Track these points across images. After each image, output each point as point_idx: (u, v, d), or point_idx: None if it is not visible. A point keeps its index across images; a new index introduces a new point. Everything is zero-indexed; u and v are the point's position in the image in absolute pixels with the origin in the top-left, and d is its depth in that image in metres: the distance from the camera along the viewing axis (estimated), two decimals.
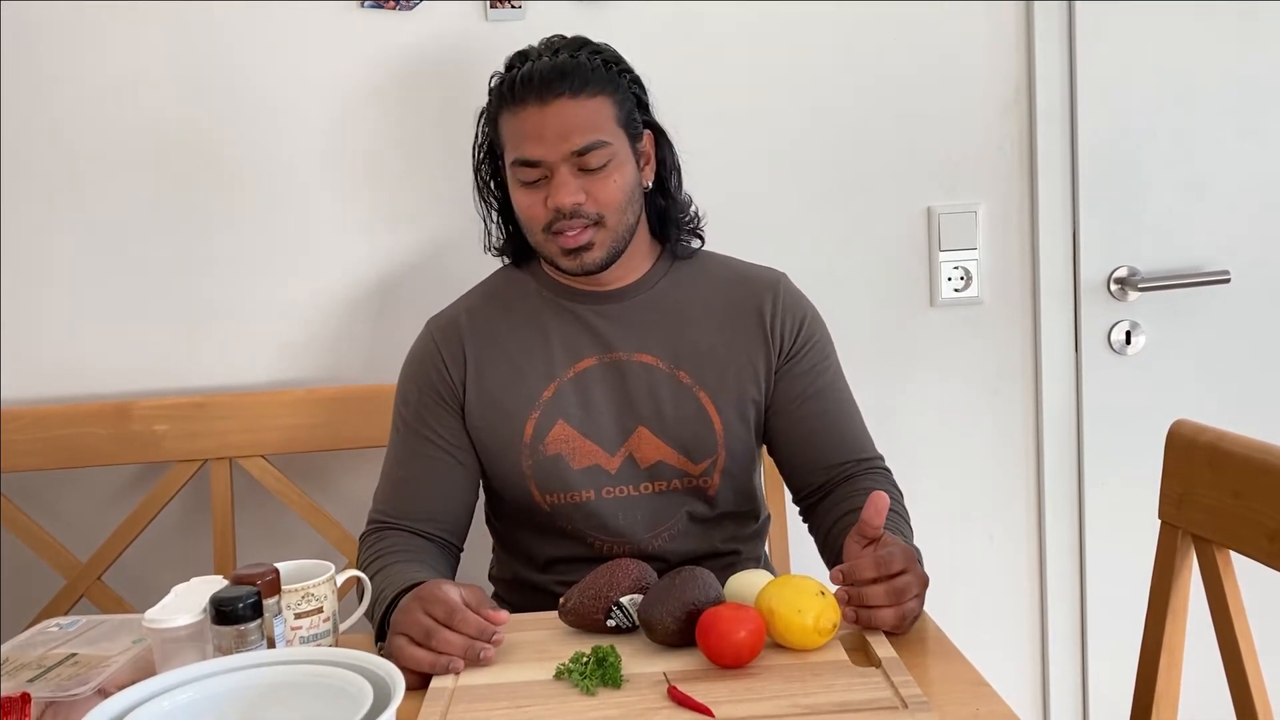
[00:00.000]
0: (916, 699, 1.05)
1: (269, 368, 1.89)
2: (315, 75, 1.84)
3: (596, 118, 1.44)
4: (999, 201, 1.95)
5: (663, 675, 1.14)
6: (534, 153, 1.42)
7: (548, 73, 1.42)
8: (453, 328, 1.54)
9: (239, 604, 1.13)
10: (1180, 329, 1.98)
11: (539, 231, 1.46)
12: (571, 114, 1.42)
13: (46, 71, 1.81)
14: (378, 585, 1.35)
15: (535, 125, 1.42)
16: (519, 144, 1.44)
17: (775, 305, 1.53)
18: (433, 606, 1.20)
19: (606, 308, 1.52)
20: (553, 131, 1.41)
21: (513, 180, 1.47)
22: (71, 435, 1.80)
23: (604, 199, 1.44)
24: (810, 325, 1.55)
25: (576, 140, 1.42)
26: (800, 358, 1.52)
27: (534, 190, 1.45)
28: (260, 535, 1.91)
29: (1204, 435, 1.27)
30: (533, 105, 1.42)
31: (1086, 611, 2.02)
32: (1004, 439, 2.00)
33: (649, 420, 1.49)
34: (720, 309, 1.53)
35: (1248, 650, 1.21)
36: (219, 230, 1.86)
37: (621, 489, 1.50)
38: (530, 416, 1.49)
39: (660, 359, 1.50)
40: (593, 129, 1.43)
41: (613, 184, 1.45)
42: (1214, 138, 1.95)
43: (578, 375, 1.50)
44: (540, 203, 1.44)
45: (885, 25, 1.90)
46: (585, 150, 1.42)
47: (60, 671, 1.20)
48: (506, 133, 1.46)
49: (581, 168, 1.43)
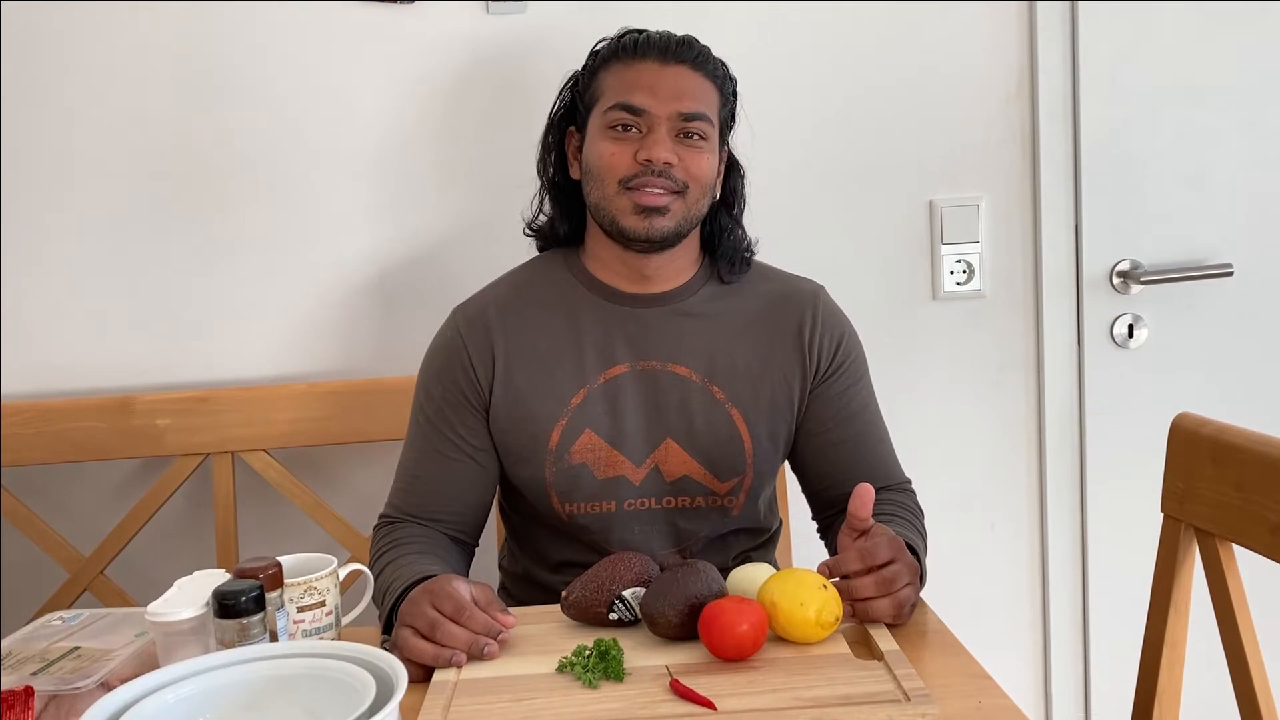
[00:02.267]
0: (919, 691, 1.05)
1: (272, 361, 1.89)
2: (317, 69, 1.83)
3: (708, 97, 1.45)
4: (1001, 195, 1.95)
5: (665, 668, 1.14)
6: (642, 101, 1.41)
7: (675, 38, 1.45)
8: (481, 323, 1.49)
9: (242, 597, 1.13)
10: (1183, 322, 1.98)
11: (614, 183, 1.41)
12: (688, 81, 1.43)
13: (47, 69, 1.81)
14: (388, 576, 1.34)
15: (651, 78, 1.41)
16: (626, 90, 1.42)
17: (815, 322, 1.50)
18: (441, 601, 1.20)
19: (644, 312, 1.48)
20: (667, 88, 1.41)
21: (600, 128, 1.43)
22: (74, 429, 1.80)
23: (694, 171, 1.42)
24: (848, 345, 1.52)
25: (687, 104, 1.41)
26: (835, 378, 1.50)
27: (624, 141, 1.41)
28: (263, 529, 1.91)
29: (1206, 428, 1.27)
30: (653, 60, 1.42)
31: (1088, 604, 2.02)
32: (1006, 433, 2.00)
33: (678, 432, 1.46)
34: (759, 324, 1.50)
35: (1250, 643, 1.21)
36: (222, 224, 1.86)
37: (644, 501, 1.47)
38: (558, 424, 1.45)
39: (694, 371, 1.46)
40: (704, 101, 1.43)
41: (705, 160, 1.44)
42: (1216, 131, 1.94)
43: (608, 382, 1.46)
44: (628, 153, 1.41)
45: (888, 20, 1.89)
46: (692, 117, 1.42)
47: (63, 665, 1.20)
48: (610, 83, 1.44)
49: (681, 132, 1.42)
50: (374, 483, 1.84)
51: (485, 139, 1.85)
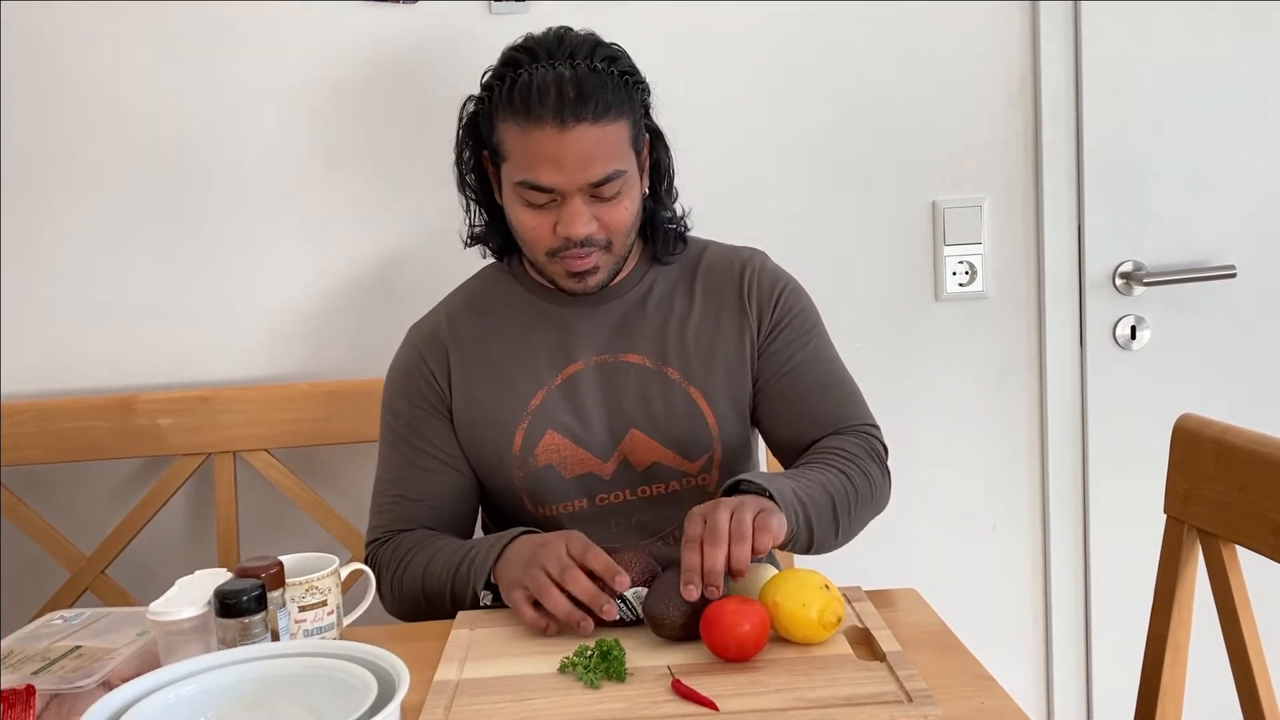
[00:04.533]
0: (921, 693, 1.05)
1: (273, 361, 1.89)
2: (318, 69, 1.83)
3: (616, 145, 1.37)
4: (1004, 196, 1.95)
5: (667, 669, 1.14)
6: (550, 180, 1.35)
7: (569, 92, 1.32)
8: (435, 336, 1.50)
9: (243, 597, 1.13)
10: (1186, 323, 1.98)
11: (542, 253, 1.42)
12: (592, 142, 1.34)
13: (46, 70, 1.81)
14: (447, 558, 1.36)
15: (551, 150, 1.33)
16: (531, 166, 1.35)
17: (750, 279, 1.49)
18: (548, 560, 1.21)
19: (592, 309, 1.49)
20: (572, 160, 1.33)
21: (515, 197, 1.40)
22: (75, 429, 1.80)
23: (615, 225, 1.40)
24: (789, 297, 1.50)
25: (596, 171, 1.35)
26: (781, 332, 1.48)
27: (541, 213, 1.38)
28: (264, 528, 1.91)
29: (1209, 429, 1.27)
30: (550, 127, 1.32)
31: (1090, 605, 2.01)
32: (1008, 434, 1.99)
33: (640, 422, 1.46)
34: (702, 296, 1.50)
35: (1253, 644, 1.21)
36: (224, 223, 1.86)
37: (617, 495, 1.47)
38: (519, 427, 1.46)
39: (647, 357, 1.47)
40: (612, 157, 1.36)
41: (624, 210, 1.40)
42: (1220, 132, 1.94)
43: (565, 381, 1.46)
44: (548, 227, 1.38)
45: (891, 20, 1.89)
46: (603, 181, 1.36)
47: (65, 664, 1.20)
48: (512, 146, 1.37)
49: (595, 196, 1.37)
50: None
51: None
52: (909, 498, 1.83)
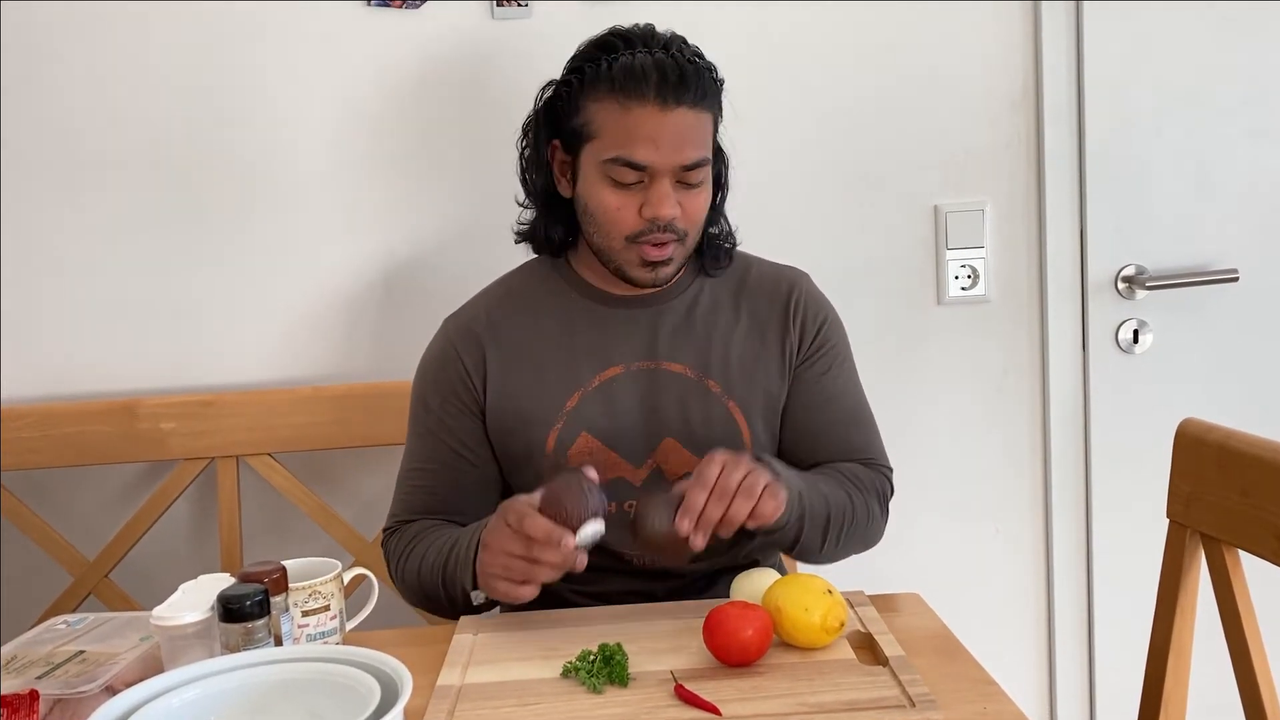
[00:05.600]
0: (923, 697, 1.05)
1: (276, 365, 1.89)
2: (322, 73, 1.84)
3: (706, 134, 1.39)
4: (1006, 200, 1.95)
5: (670, 673, 1.14)
6: (645, 157, 1.35)
7: (671, 75, 1.34)
8: (471, 330, 1.48)
9: (246, 601, 1.13)
10: (1188, 327, 1.98)
11: (620, 238, 1.39)
12: (690, 125, 1.36)
13: (47, 71, 1.81)
14: (439, 550, 1.37)
15: (651, 128, 1.34)
16: (627, 143, 1.35)
17: (798, 301, 1.50)
18: (509, 543, 1.23)
19: (637, 313, 1.47)
20: (668, 141, 1.34)
21: (599, 173, 1.38)
22: (78, 433, 1.80)
23: (694, 216, 1.40)
24: (829, 329, 1.51)
25: (690, 154, 1.36)
26: (815, 360, 1.49)
27: (627, 193, 1.37)
28: (267, 533, 1.91)
29: (1212, 434, 1.27)
30: (653, 105, 1.34)
31: (1093, 610, 2.01)
32: (1011, 438, 1.99)
33: (677, 431, 1.45)
34: (748, 313, 1.49)
35: (1256, 649, 1.21)
36: (226, 227, 1.86)
37: None
38: (553, 428, 1.44)
39: (690, 368, 1.46)
40: (702, 144, 1.38)
41: (703, 201, 1.41)
42: (1222, 136, 1.94)
43: (603, 384, 1.45)
44: (633, 208, 1.37)
45: (893, 23, 1.89)
46: (694, 165, 1.37)
47: (68, 668, 1.20)
48: (604, 122, 1.37)
49: (682, 181, 1.38)
50: (379, 487, 1.84)
51: (490, 142, 1.85)
52: (911, 502, 1.82)
